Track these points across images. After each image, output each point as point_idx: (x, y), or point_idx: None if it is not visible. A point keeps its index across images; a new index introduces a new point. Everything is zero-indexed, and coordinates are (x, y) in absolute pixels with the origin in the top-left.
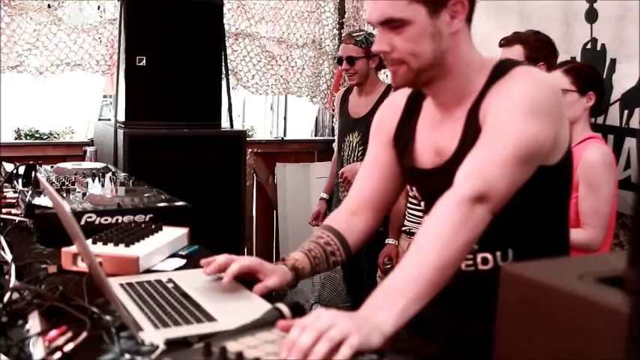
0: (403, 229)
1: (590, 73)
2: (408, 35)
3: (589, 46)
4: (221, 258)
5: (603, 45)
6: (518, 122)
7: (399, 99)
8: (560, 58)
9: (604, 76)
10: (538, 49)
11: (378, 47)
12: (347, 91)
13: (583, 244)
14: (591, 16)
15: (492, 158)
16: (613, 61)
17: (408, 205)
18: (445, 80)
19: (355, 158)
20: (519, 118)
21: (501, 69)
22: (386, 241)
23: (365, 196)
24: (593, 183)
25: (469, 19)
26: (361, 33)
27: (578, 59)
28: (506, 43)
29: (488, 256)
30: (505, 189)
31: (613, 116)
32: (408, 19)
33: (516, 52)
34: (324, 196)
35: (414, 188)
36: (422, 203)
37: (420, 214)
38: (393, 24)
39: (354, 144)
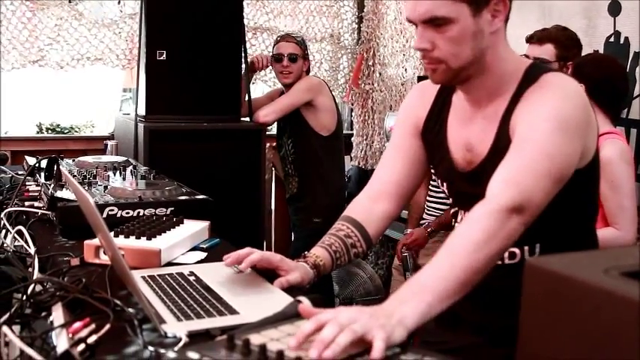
0: (422, 222)
1: (584, 66)
2: (450, 34)
3: (612, 39)
4: (243, 250)
5: (627, 38)
6: (549, 137)
7: (429, 90)
8: (584, 52)
9: (627, 69)
10: (568, 48)
11: (420, 45)
12: (282, 92)
13: (617, 243)
14: (614, 9)
15: (528, 169)
16: (637, 55)
17: (428, 197)
18: (482, 78)
19: (288, 152)
20: (550, 133)
21: (533, 73)
22: (404, 231)
23: (388, 183)
24: (614, 180)
25: (506, 19)
26: (299, 35)
27: (602, 52)
28: (537, 40)
29: (516, 250)
30: (540, 202)
31: (636, 110)
32: (452, 17)
33: (547, 50)
34: None
35: (444, 184)
36: (450, 200)
37: (439, 206)
38: (436, 22)
39: (287, 139)
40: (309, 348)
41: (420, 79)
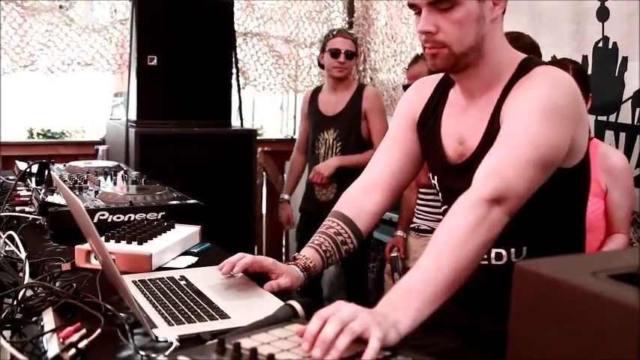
0: (412, 225)
1: (586, 76)
2: (455, 17)
3: (600, 44)
4: (235, 256)
5: (615, 43)
6: (535, 125)
7: (427, 85)
8: (572, 57)
9: (616, 75)
10: (529, 51)
11: (424, 27)
12: (316, 90)
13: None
14: (602, 14)
15: (511, 159)
16: (625, 59)
17: (418, 201)
18: (478, 67)
19: (333, 154)
20: (536, 121)
21: (526, 66)
22: (394, 233)
23: (381, 175)
24: (627, 187)
25: (503, 11)
26: (352, 32)
27: (590, 58)
28: None
29: (503, 252)
30: (523, 191)
31: (625, 114)
32: None
33: None
34: (286, 197)
35: (435, 177)
36: (439, 194)
37: (429, 209)
38: (442, 5)
39: (331, 141)
40: (301, 353)
41: (406, 87)
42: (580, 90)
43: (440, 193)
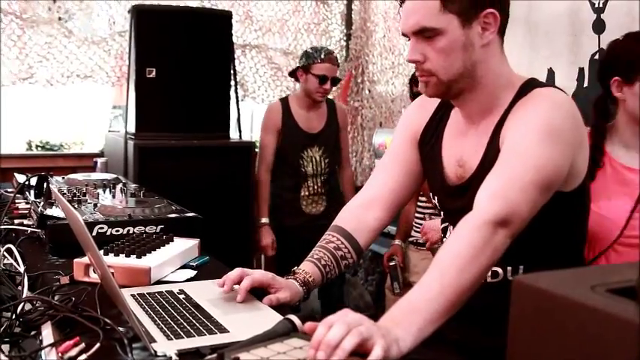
0: (410, 239)
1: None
2: (440, 45)
3: (597, 56)
4: (234, 272)
5: None
6: (538, 146)
7: (430, 103)
8: (569, 69)
9: None
10: None
11: (412, 57)
12: (284, 104)
13: None
14: (598, 27)
15: (515, 182)
16: None
17: (416, 214)
18: (474, 93)
19: (322, 171)
20: (538, 143)
21: (527, 88)
22: (392, 242)
23: (382, 190)
24: None
25: (502, 33)
26: (336, 55)
27: (586, 70)
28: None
29: (499, 270)
30: (526, 214)
31: None
32: (441, 28)
33: None
34: (266, 220)
35: (435, 198)
36: (441, 213)
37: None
38: (426, 33)
39: (318, 158)
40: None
41: (413, 95)
42: None
43: (442, 212)
